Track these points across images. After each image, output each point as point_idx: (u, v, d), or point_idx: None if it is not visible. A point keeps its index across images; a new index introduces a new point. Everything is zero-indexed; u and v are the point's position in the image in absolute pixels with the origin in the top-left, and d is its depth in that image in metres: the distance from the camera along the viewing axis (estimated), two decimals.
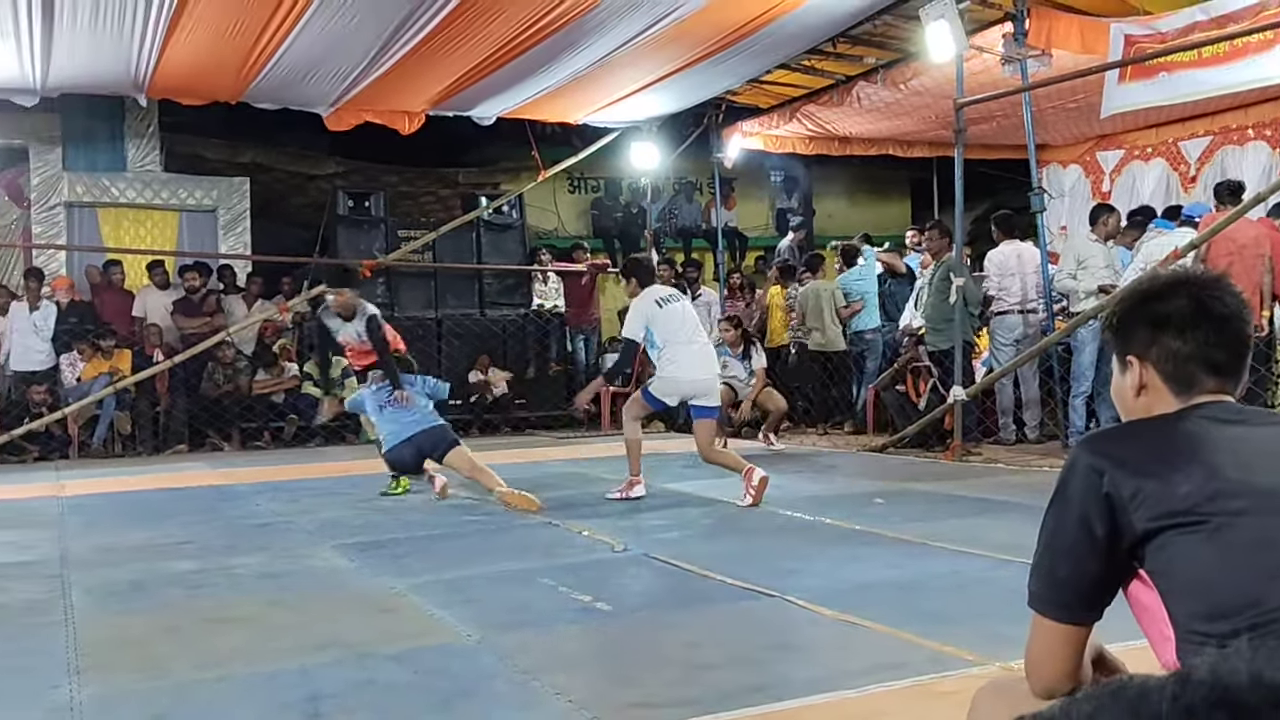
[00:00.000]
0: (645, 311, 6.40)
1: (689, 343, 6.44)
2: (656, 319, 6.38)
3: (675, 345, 6.38)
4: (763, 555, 4.61)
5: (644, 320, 6.37)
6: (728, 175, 13.65)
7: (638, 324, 6.38)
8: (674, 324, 6.43)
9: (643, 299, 6.46)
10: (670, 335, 6.39)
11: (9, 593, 4.36)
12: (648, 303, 6.43)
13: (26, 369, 10.51)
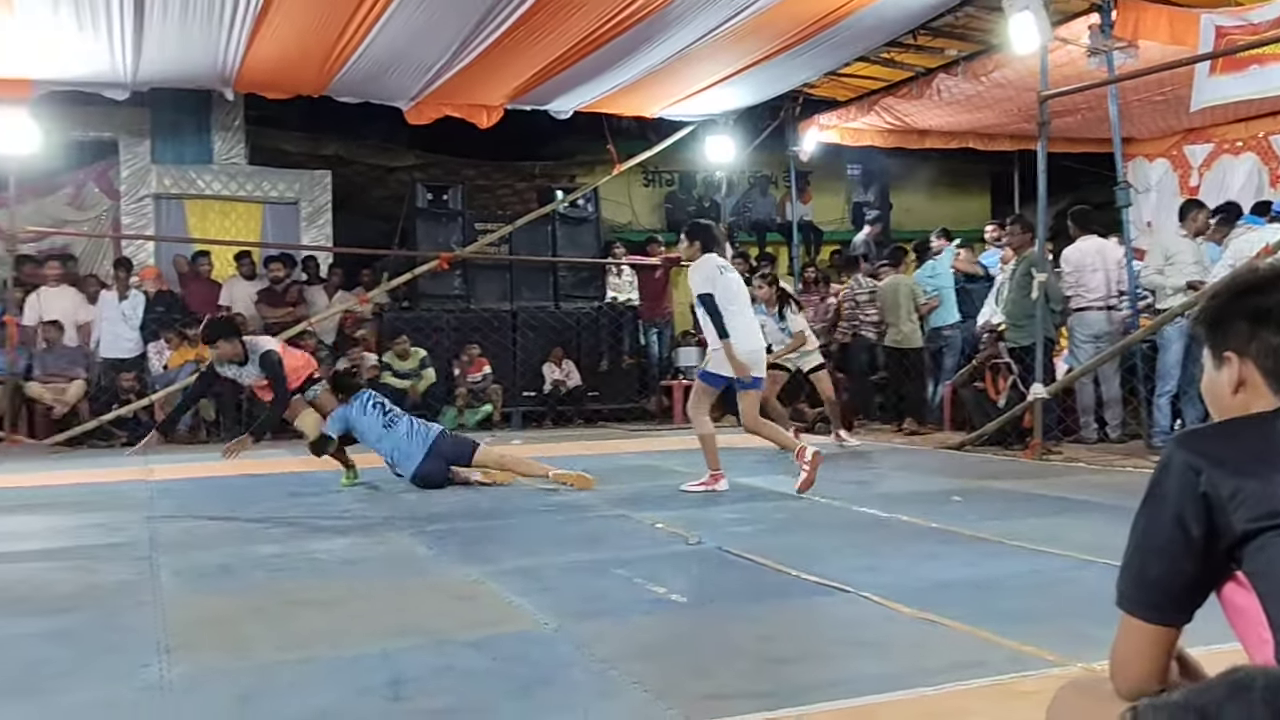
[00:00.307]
0: (709, 274, 6.39)
1: (742, 313, 6.46)
2: (717, 285, 6.38)
3: (732, 315, 6.38)
4: (837, 551, 4.58)
5: (709, 283, 6.36)
6: (803, 168, 13.56)
7: (706, 285, 6.35)
8: (732, 292, 6.45)
9: (706, 262, 6.43)
10: (727, 304, 6.38)
11: (100, 573, 4.49)
12: (711, 266, 6.42)
13: (116, 356, 10.82)
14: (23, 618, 3.72)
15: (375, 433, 6.74)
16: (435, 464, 6.70)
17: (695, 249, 6.48)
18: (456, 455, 6.82)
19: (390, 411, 6.86)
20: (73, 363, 10.60)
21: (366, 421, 6.76)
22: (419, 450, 6.67)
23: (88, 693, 2.91)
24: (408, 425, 6.79)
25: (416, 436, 6.73)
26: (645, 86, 10.30)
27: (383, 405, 6.89)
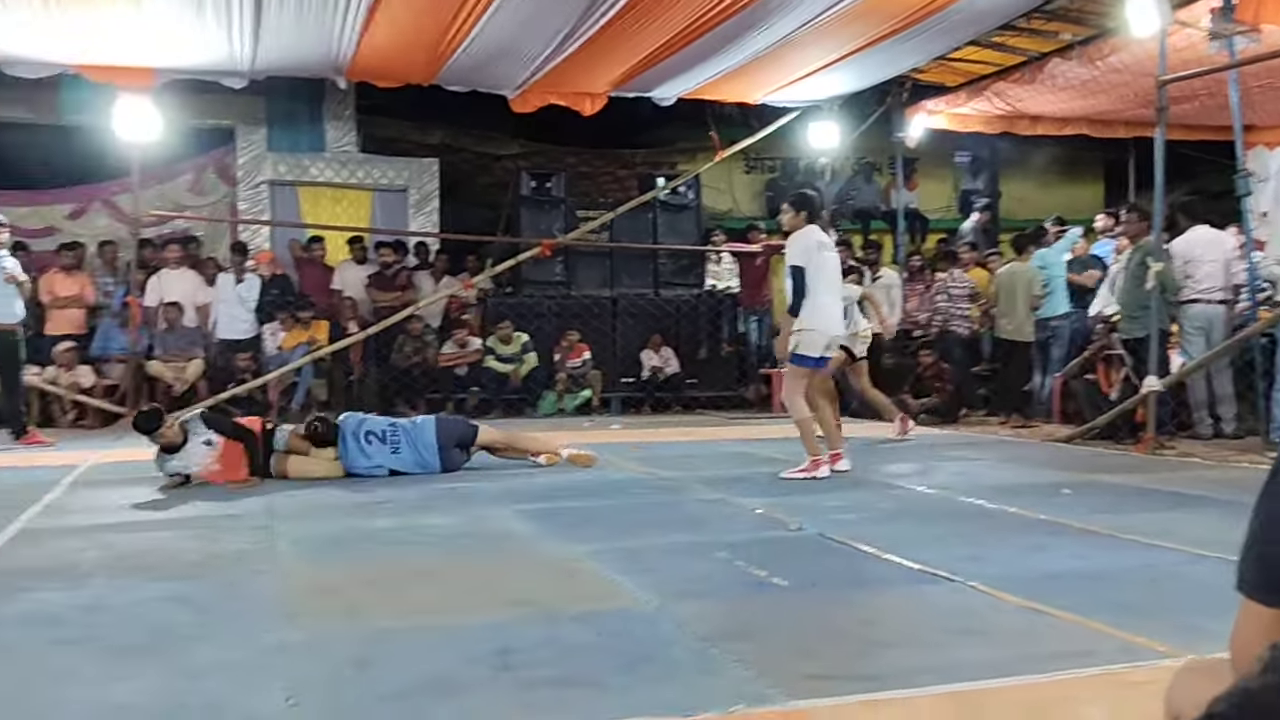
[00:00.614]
0: (808, 247, 6.34)
1: (828, 294, 6.43)
2: (812, 260, 6.33)
3: (824, 295, 6.35)
4: (942, 540, 4.53)
5: (805, 256, 6.30)
6: (910, 155, 13.38)
7: (803, 256, 6.30)
8: (828, 271, 6.41)
9: (807, 235, 6.38)
10: (822, 283, 6.35)
11: (221, 543, 4.68)
12: (811, 240, 6.38)
13: (232, 337, 11.19)
14: (152, 583, 3.89)
15: (391, 461, 6.68)
16: (449, 454, 6.75)
17: (800, 219, 6.41)
18: (461, 436, 6.89)
19: (384, 434, 6.71)
20: (191, 343, 10.99)
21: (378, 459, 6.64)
22: (430, 450, 6.69)
23: (214, 653, 3.04)
24: (403, 432, 6.73)
25: (418, 438, 6.71)
26: (749, 72, 10.27)
27: (375, 433, 6.70)
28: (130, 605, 3.57)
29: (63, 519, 5.26)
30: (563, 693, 2.69)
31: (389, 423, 6.85)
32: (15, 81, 10.38)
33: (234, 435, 6.47)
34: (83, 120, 11.56)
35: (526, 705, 2.60)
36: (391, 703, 2.61)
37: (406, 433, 6.73)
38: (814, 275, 6.28)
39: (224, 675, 2.86)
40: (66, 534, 4.85)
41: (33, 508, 5.49)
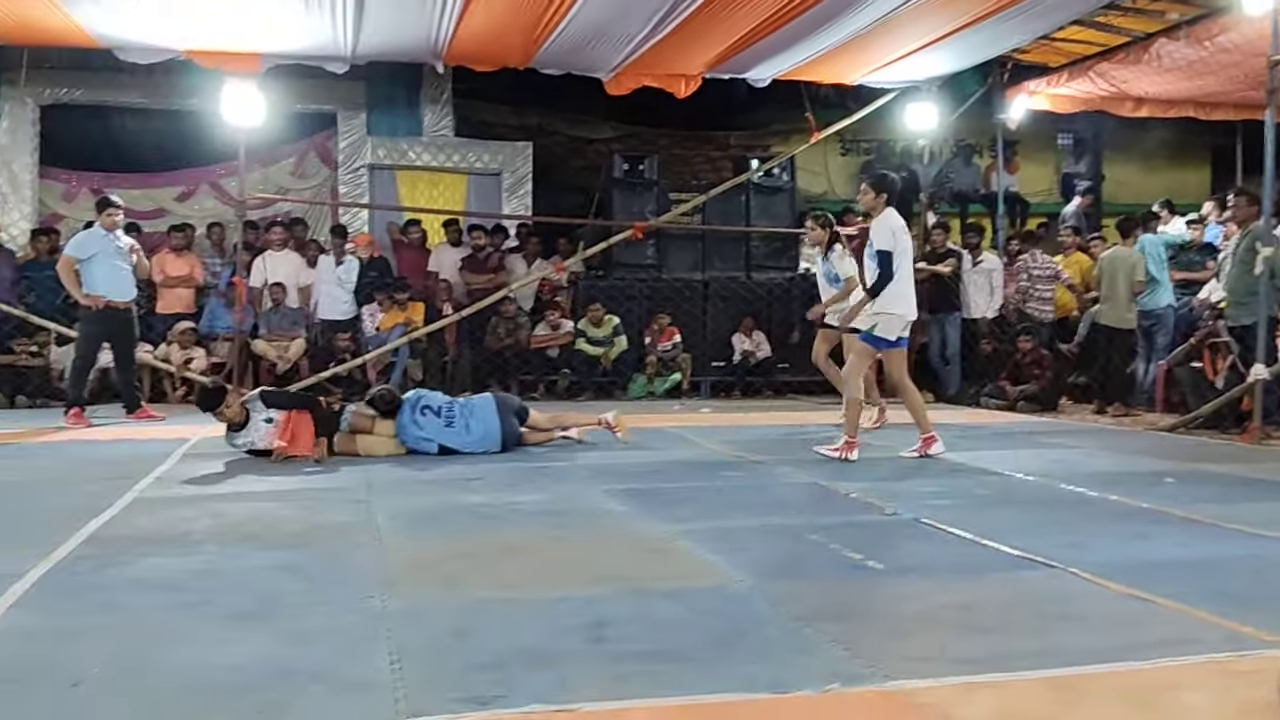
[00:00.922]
0: (896, 230, 6.35)
1: (907, 278, 6.43)
2: (899, 244, 6.33)
3: (906, 280, 6.35)
4: (1042, 528, 4.46)
5: (894, 239, 6.29)
6: (1011, 137, 13.09)
7: (890, 240, 6.29)
8: (908, 255, 6.42)
9: (891, 217, 6.39)
10: (905, 267, 6.35)
11: (323, 515, 4.81)
12: (898, 223, 6.39)
13: (332, 318, 11.43)
14: (260, 551, 4.03)
15: (441, 434, 6.72)
16: (510, 424, 6.84)
17: (879, 201, 6.42)
18: (517, 409, 7.02)
19: (439, 408, 6.79)
20: (294, 323, 11.27)
21: (428, 431, 6.72)
22: (491, 421, 6.75)
23: (319, 619, 3.15)
24: (459, 408, 6.80)
25: (477, 412, 6.78)
26: (846, 53, 10.14)
27: (430, 406, 6.79)
28: (240, 572, 3.71)
29: (174, 489, 5.46)
30: (655, 667, 2.72)
31: (447, 400, 6.95)
32: (130, 67, 10.74)
33: (294, 406, 6.64)
34: (191, 105, 11.91)
35: (619, 677, 2.64)
36: (488, 671, 2.67)
37: (464, 409, 6.83)
38: (899, 260, 6.30)
39: (330, 641, 2.95)
40: (178, 503, 5.03)
41: (146, 478, 5.71)
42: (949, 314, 11.19)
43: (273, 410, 6.56)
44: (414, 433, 6.69)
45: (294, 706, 2.46)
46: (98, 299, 8.46)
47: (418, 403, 6.80)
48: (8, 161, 11.94)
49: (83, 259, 8.51)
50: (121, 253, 8.67)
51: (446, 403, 6.87)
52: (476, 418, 6.76)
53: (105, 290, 8.51)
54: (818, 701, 2.48)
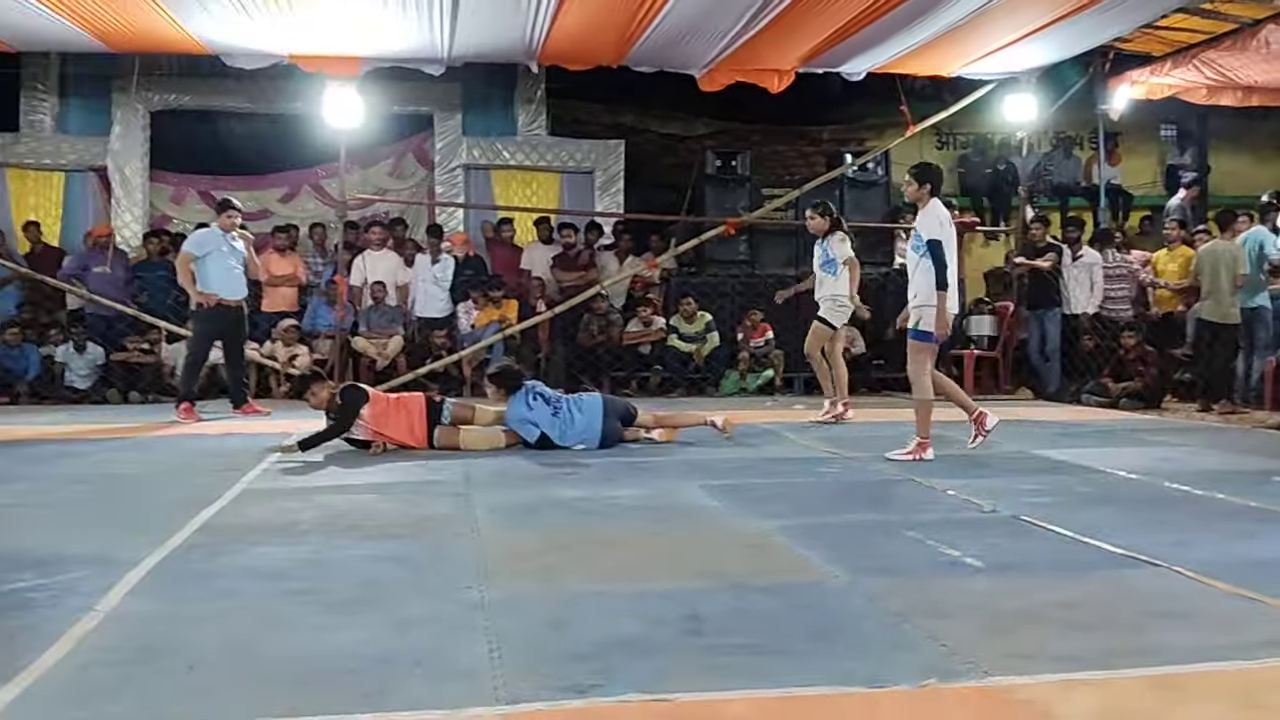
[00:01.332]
0: (943, 219, 6.29)
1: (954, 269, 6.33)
2: (946, 233, 6.27)
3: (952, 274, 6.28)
4: (1145, 526, 4.35)
5: (940, 229, 6.23)
6: (1113, 129, 12.78)
7: (939, 229, 6.23)
8: (951, 245, 6.31)
9: (938, 207, 6.34)
10: (951, 258, 6.27)
11: (423, 507, 4.92)
12: (944, 212, 6.33)
13: (429, 315, 11.66)
14: (363, 541, 4.14)
15: (547, 421, 6.80)
16: (612, 423, 6.89)
17: (925, 192, 6.37)
18: (623, 413, 7.06)
19: (550, 397, 6.91)
20: (392, 320, 11.50)
21: (536, 415, 6.81)
22: (595, 417, 6.81)
23: (419, 607, 3.22)
24: (569, 404, 6.88)
25: (585, 409, 6.85)
26: (943, 45, 9.99)
27: (543, 394, 6.92)
28: (344, 562, 3.81)
29: (280, 481, 5.63)
30: (751, 659, 2.73)
31: (559, 393, 7.09)
32: (236, 72, 11.08)
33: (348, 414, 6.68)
34: (294, 108, 12.26)
35: (715, 668, 2.65)
36: (586, 661, 2.71)
37: (572, 403, 6.92)
38: (947, 250, 6.23)
39: (430, 629, 3.02)
40: (285, 495, 5.19)
41: (253, 470, 5.90)
42: (1049, 309, 10.97)
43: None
44: (522, 413, 6.80)
45: (396, 692, 2.52)
46: (210, 296, 8.74)
47: (533, 388, 6.98)
48: (120, 166, 12.40)
49: (199, 256, 8.79)
50: (236, 253, 8.93)
51: (558, 395, 7.01)
52: (583, 413, 6.84)
53: (218, 288, 8.78)
54: (915, 696, 2.46)
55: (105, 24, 9.38)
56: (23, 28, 9.43)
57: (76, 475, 5.87)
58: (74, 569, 3.68)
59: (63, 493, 5.33)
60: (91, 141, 12.49)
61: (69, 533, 4.32)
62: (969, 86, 11.70)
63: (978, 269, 14.04)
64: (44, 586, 3.46)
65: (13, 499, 5.11)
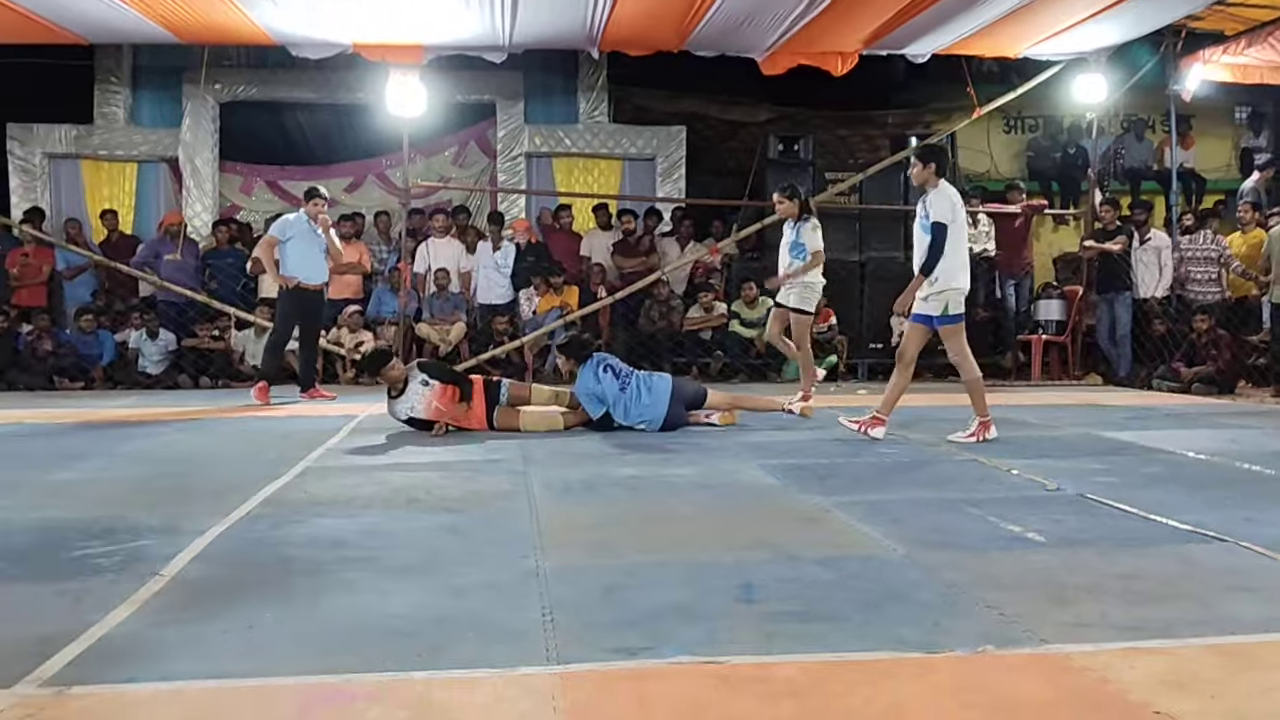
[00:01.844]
0: (956, 202, 6.18)
1: (961, 251, 6.23)
2: (957, 217, 6.18)
3: (960, 253, 6.19)
4: (1213, 504, 4.25)
5: (953, 212, 6.12)
6: (1185, 111, 12.44)
7: (949, 212, 6.11)
8: (961, 229, 6.22)
9: (948, 189, 6.21)
10: (962, 240, 6.20)
11: (481, 483, 4.95)
12: (956, 195, 6.23)
13: (490, 302, 11.74)
14: (421, 514, 4.18)
15: (613, 395, 6.77)
16: (678, 409, 6.82)
17: (929, 171, 6.20)
18: (693, 398, 6.98)
19: (620, 372, 6.85)
20: (455, 307, 11.60)
21: (604, 388, 6.79)
22: (662, 400, 6.73)
23: (477, 575, 3.25)
24: (638, 381, 6.82)
25: (655, 389, 6.78)
26: (1009, 25, 9.79)
27: (613, 367, 6.87)
28: (403, 532, 3.86)
29: (343, 459, 5.71)
30: (804, 626, 2.71)
31: (630, 369, 7.01)
32: (301, 63, 11.23)
33: (447, 380, 6.88)
34: (358, 98, 12.41)
35: (767, 634, 2.64)
36: (638, 625, 2.72)
37: (641, 381, 6.86)
38: (956, 233, 6.14)
39: (486, 594, 3.05)
40: (346, 471, 5.26)
41: (318, 450, 5.98)
42: (1119, 293, 10.75)
43: (428, 376, 6.86)
44: (590, 385, 6.81)
45: (450, 651, 2.55)
46: (290, 279, 8.86)
47: (603, 360, 6.96)
48: (190, 157, 12.65)
49: (282, 240, 8.91)
50: (318, 239, 9.00)
51: (628, 370, 6.96)
52: (650, 393, 6.79)
53: (296, 271, 8.88)
54: (969, 662, 2.43)
55: (175, 15, 9.55)
56: (96, 20, 9.64)
57: (147, 453, 6.01)
58: (142, 537, 3.77)
59: (133, 469, 5.45)
60: (163, 133, 12.76)
61: (138, 505, 4.42)
62: (1036, 68, 11.47)
63: (1047, 254, 13.80)
64: (112, 553, 3.55)
65: (86, 475, 5.24)
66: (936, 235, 6.09)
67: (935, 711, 2.16)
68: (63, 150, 12.66)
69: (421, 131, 12.03)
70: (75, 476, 5.18)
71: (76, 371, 10.65)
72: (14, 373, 10.50)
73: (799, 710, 2.19)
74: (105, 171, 12.84)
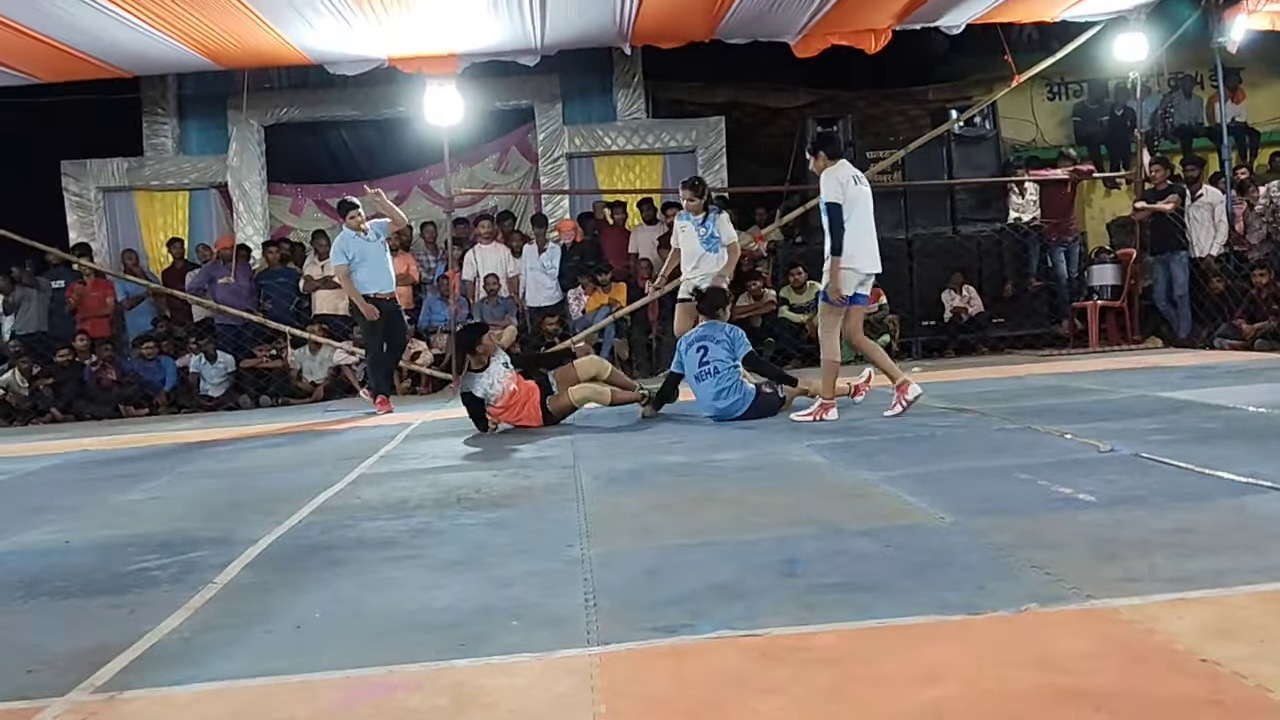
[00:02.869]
0: (843, 180, 6.22)
1: (870, 233, 6.30)
2: (846, 195, 6.19)
3: (861, 232, 6.23)
4: (1271, 456, 4.12)
5: (840, 190, 6.18)
6: (1233, 63, 12.17)
7: (836, 191, 6.19)
8: (860, 207, 6.24)
9: (837, 169, 6.28)
10: (854, 220, 6.19)
11: (533, 479, 4.98)
12: (844, 174, 6.27)
13: (539, 304, 11.80)
14: (470, 512, 4.22)
15: (691, 372, 6.75)
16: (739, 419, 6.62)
17: (822, 159, 6.35)
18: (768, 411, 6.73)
19: (707, 362, 6.68)
20: (505, 311, 11.66)
21: (687, 361, 6.76)
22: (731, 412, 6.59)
23: (521, 566, 3.27)
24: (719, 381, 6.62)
25: (732, 394, 6.61)
26: None
27: (705, 350, 6.70)
28: (451, 529, 3.89)
29: (396, 465, 5.77)
30: (846, 596, 2.69)
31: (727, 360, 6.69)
32: (341, 81, 11.39)
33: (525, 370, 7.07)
34: (398, 112, 12.58)
35: (809, 606, 2.63)
36: (679, 605, 2.72)
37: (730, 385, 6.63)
38: (848, 211, 6.18)
39: (530, 583, 3.07)
40: (399, 476, 5.32)
41: (371, 458, 6.06)
42: (1174, 253, 10.53)
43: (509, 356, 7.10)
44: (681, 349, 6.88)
45: (493, 638, 2.56)
46: (371, 309, 8.79)
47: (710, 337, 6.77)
48: (239, 181, 12.89)
49: (351, 263, 8.85)
50: (372, 248, 8.94)
51: (723, 360, 6.68)
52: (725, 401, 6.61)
53: (365, 288, 8.85)
54: (1012, 621, 2.40)
55: (213, 42, 9.73)
56: (137, 52, 9.84)
57: (206, 471, 6.14)
58: (198, 549, 3.84)
59: (192, 486, 5.57)
60: (211, 160, 13.03)
61: (195, 519, 4.51)
62: (1076, 31, 11.26)
63: (1099, 219, 13.57)
64: (167, 565, 3.63)
65: (146, 495, 5.35)
66: (832, 216, 6.21)
67: (975, 670, 2.13)
68: (116, 184, 12.98)
69: (462, 140, 12.14)
70: (135, 497, 5.29)
71: (141, 399, 10.89)
72: (81, 403, 10.78)
73: (837, 677, 2.17)
74: (159, 201, 13.15)
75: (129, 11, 8.69)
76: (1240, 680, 1.98)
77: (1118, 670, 2.09)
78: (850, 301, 6.37)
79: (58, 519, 4.76)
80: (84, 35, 9.24)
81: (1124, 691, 1.99)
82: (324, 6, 9.00)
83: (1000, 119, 12.63)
